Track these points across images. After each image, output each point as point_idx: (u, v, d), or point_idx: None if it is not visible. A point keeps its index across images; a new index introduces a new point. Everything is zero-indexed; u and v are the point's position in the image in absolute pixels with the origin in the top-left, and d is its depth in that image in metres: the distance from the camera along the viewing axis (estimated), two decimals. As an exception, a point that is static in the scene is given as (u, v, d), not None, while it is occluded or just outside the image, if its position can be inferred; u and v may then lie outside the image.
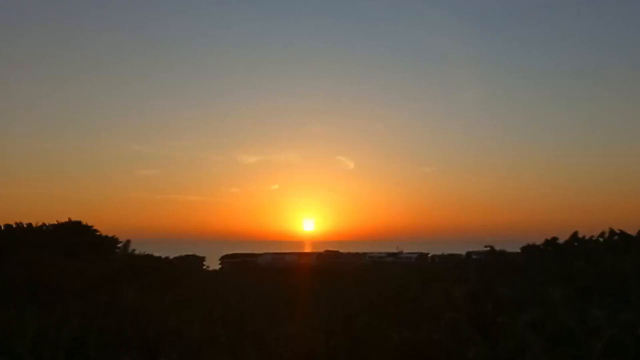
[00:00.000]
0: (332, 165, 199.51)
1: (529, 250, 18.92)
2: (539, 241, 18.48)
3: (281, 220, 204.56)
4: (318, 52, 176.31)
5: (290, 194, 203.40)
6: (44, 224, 42.30)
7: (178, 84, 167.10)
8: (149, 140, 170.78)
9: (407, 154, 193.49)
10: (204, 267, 73.06)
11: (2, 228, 39.42)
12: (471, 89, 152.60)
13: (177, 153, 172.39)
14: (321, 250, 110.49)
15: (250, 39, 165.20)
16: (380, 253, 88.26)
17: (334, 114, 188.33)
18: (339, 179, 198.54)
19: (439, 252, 50.19)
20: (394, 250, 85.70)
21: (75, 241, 39.58)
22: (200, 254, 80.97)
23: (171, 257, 47.74)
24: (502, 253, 20.64)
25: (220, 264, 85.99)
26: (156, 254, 47.87)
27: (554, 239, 17.42)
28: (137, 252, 47.65)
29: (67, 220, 43.58)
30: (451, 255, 37.86)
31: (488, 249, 21.20)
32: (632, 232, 14.46)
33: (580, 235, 16.33)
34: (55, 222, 43.00)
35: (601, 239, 15.56)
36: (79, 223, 43.55)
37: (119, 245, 46.92)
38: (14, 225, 40.10)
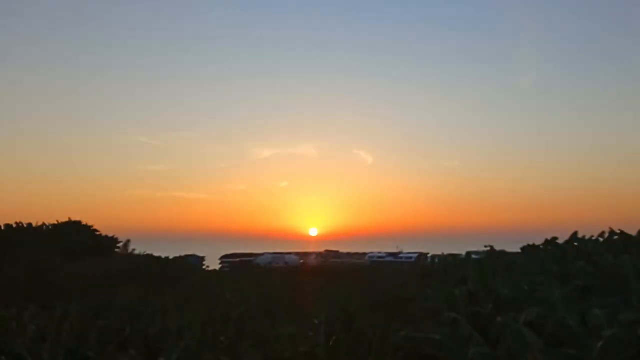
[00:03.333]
0: (349, 159, 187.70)
1: (529, 250, 18.94)
2: (539, 241, 18.51)
3: (287, 219, 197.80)
4: (337, 36, 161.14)
5: (300, 192, 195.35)
6: (44, 224, 42.43)
7: (189, 72, 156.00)
8: (156, 131, 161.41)
9: (431, 148, 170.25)
10: (204, 266, 73.09)
11: (2, 228, 39.51)
12: (525, 71, 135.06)
13: (186, 146, 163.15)
14: (321, 250, 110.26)
15: (266, 27, 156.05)
16: (380, 253, 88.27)
17: (353, 103, 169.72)
18: (356, 174, 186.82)
19: (438, 252, 50.10)
20: (394, 250, 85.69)
21: (75, 241, 39.68)
22: (201, 253, 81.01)
23: (171, 257, 47.85)
24: (502, 253, 20.66)
25: (220, 263, 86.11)
26: (157, 254, 47.93)
27: (554, 239, 17.44)
28: (137, 251, 47.86)
29: (67, 220, 43.68)
30: (451, 255, 37.87)
31: (488, 249, 21.24)
32: (632, 232, 14.47)
33: (580, 235, 16.34)
34: (55, 222, 43.12)
35: (601, 239, 15.56)
36: (78, 223, 43.66)
37: (118, 245, 47.08)
38: (14, 225, 40.18)
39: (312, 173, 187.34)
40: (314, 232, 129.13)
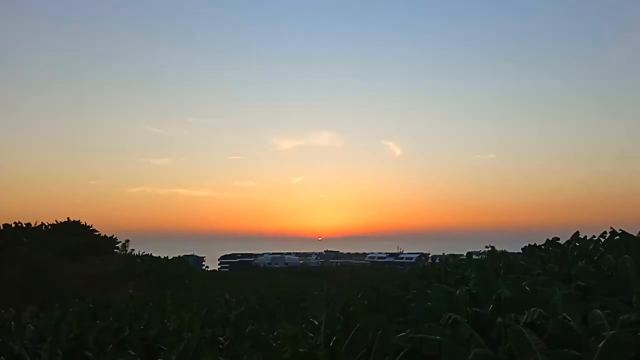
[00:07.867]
0: (375, 151, 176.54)
1: (530, 250, 18.91)
2: (540, 241, 18.50)
3: (293, 220, 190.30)
4: (367, 23, 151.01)
5: (313, 188, 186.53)
6: (42, 224, 42.35)
7: (205, 56, 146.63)
8: (165, 119, 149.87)
9: (464, 140, 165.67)
10: (203, 267, 72.93)
11: (1, 228, 39.41)
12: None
13: (197, 136, 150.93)
14: (322, 250, 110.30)
15: (294, 10, 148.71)
16: (380, 253, 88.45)
17: (382, 92, 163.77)
18: (382, 167, 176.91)
19: (439, 252, 50.15)
20: (395, 251, 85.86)
21: (74, 241, 39.60)
22: (200, 253, 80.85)
23: (170, 257, 47.81)
24: (503, 253, 20.63)
25: (219, 264, 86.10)
26: (156, 254, 47.84)
27: (555, 239, 17.43)
28: (136, 251, 47.80)
29: (65, 219, 43.59)
30: (452, 255, 37.97)
31: (489, 249, 21.22)
32: (633, 232, 14.44)
33: (581, 236, 16.33)
34: (55, 222, 43.03)
35: (602, 239, 15.53)
36: (77, 222, 43.56)
37: (117, 244, 47.01)
38: (13, 225, 40.09)
39: (332, 166, 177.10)
40: (320, 238, 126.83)
